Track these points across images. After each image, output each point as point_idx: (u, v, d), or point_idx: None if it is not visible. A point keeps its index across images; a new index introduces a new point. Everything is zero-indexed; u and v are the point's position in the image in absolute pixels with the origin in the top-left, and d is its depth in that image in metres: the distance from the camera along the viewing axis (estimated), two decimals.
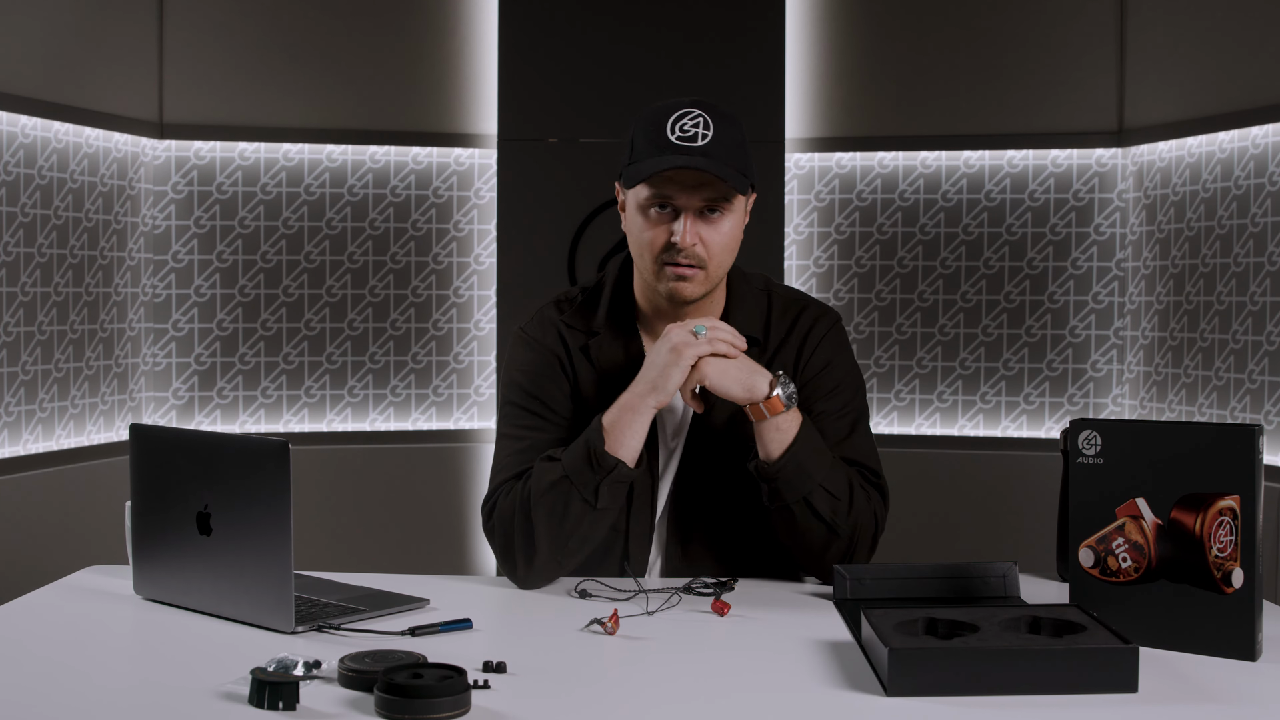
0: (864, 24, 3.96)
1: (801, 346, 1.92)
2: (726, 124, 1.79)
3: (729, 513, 1.91)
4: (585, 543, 1.82)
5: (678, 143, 1.76)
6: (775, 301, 1.96)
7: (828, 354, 1.92)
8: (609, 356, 1.91)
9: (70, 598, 1.77)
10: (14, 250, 3.26)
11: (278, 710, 1.27)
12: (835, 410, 1.90)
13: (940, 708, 1.30)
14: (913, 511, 3.66)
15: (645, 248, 1.82)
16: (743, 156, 1.80)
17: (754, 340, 1.90)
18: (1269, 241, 3.27)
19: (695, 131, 1.77)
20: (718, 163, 1.76)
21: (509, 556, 1.82)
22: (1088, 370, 3.89)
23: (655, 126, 1.78)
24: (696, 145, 1.76)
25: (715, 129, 1.77)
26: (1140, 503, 1.52)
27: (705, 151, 1.76)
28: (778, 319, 1.94)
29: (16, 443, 3.30)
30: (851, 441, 1.90)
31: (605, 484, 1.77)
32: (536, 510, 1.78)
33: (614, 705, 1.34)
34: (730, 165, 1.77)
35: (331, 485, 3.86)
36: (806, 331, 1.92)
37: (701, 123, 1.77)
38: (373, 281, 3.95)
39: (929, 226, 3.95)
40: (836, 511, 1.81)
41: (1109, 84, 3.83)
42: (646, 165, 1.77)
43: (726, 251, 1.83)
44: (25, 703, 1.31)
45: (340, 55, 3.88)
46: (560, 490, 1.78)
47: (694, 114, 1.78)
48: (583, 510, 1.78)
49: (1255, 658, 1.46)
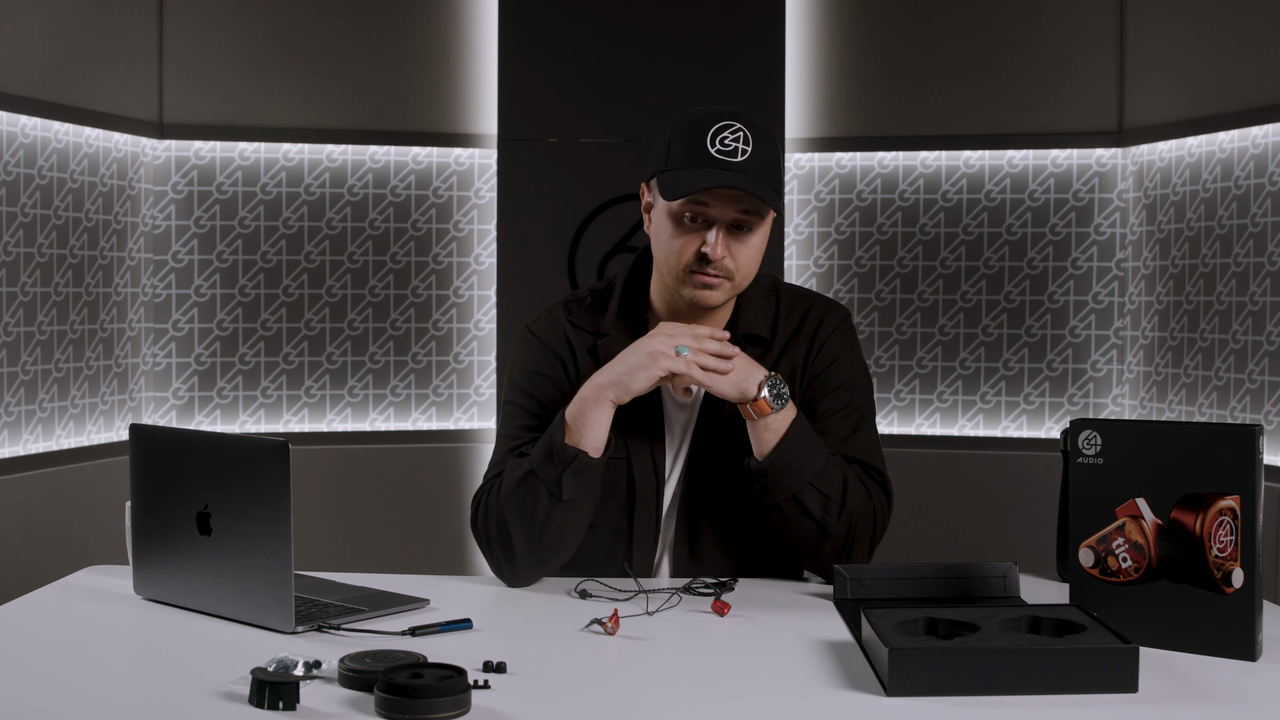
0: (864, 24, 3.96)
1: (810, 343, 1.93)
2: (765, 140, 1.80)
3: (736, 512, 1.91)
4: (563, 537, 1.82)
5: (718, 156, 1.77)
6: (783, 300, 1.97)
7: (834, 350, 1.93)
8: None
9: (70, 598, 1.77)
10: (14, 250, 3.26)
11: (278, 710, 1.27)
12: (838, 409, 1.91)
13: (940, 708, 1.30)
14: (913, 511, 3.66)
15: (675, 255, 1.83)
16: (778, 174, 1.82)
17: (761, 340, 1.92)
18: (1269, 241, 3.27)
19: (736, 146, 1.77)
20: (757, 181, 1.77)
21: (491, 552, 1.84)
22: (1088, 370, 3.89)
23: (696, 136, 1.78)
24: (736, 161, 1.76)
25: (755, 144, 1.78)
26: (1140, 503, 1.52)
27: (744, 168, 1.76)
28: (785, 317, 1.95)
29: (16, 443, 3.30)
30: (855, 440, 1.90)
31: (568, 475, 1.78)
32: (508, 505, 1.81)
33: (614, 705, 1.34)
34: (767, 183, 1.78)
35: (331, 485, 3.86)
36: (815, 328, 1.94)
37: (742, 137, 1.78)
38: (373, 281, 3.95)
39: (929, 226, 3.95)
40: (828, 510, 1.81)
41: (1109, 84, 3.83)
42: (689, 178, 1.77)
43: (753, 264, 1.85)
44: (25, 703, 1.31)
45: (340, 55, 3.88)
46: (528, 484, 1.80)
47: (735, 128, 1.78)
48: (550, 503, 1.79)
49: (1255, 658, 1.46)
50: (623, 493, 1.91)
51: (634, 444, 1.90)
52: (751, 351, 1.90)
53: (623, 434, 1.88)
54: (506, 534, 1.81)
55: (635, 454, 1.90)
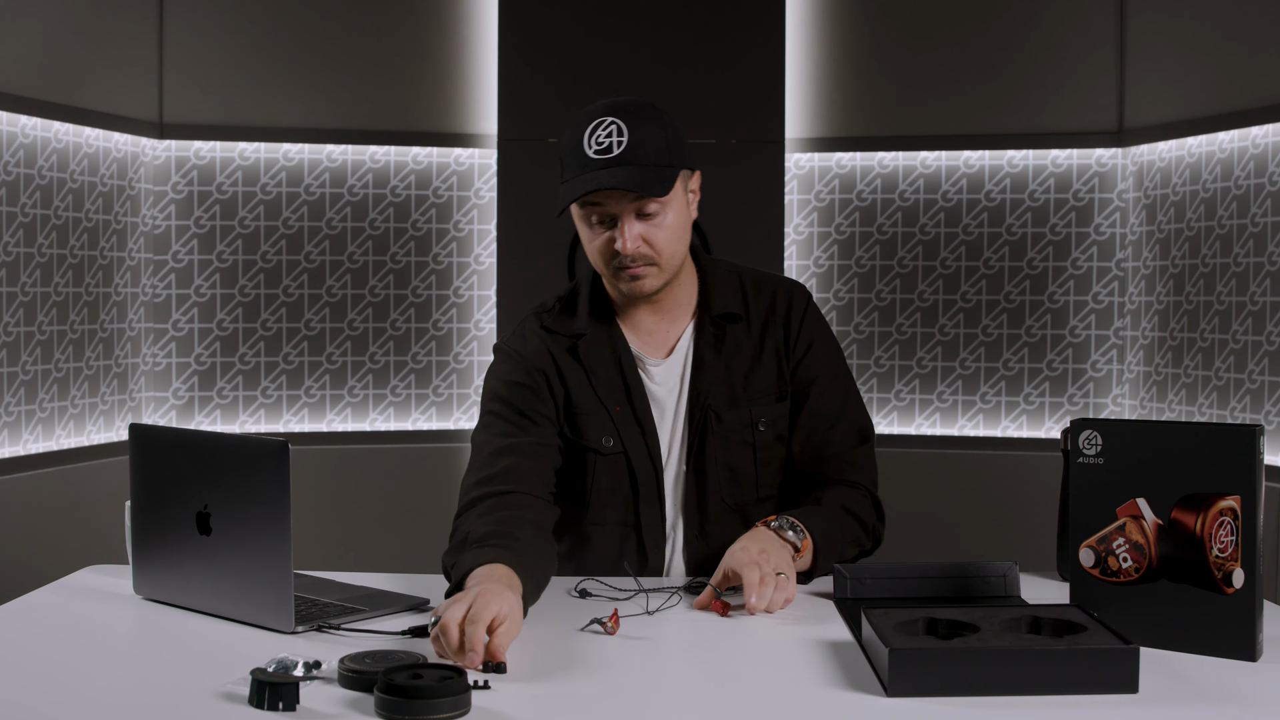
0: (864, 24, 3.96)
1: (785, 329, 1.97)
2: (642, 122, 1.81)
3: (739, 493, 1.95)
4: None
5: (595, 156, 1.79)
6: (746, 281, 2.01)
7: (809, 334, 1.99)
8: (596, 354, 1.95)
9: (70, 598, 1.77)
10: (14, 250, 3.26)
11: (278, 710, 1.27)
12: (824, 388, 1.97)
13: (940, 708, 1.30)
14: (913, 511, 3.66)
15: (596, 256, 1.88)
16: (663, 150, 1.82)
17: (734, 317, 1.96)
18: (1269, 241, 3.27)
19: (610, 141, 1.80)
20: (635, 169, 1.78)
21: None
22: (1088, 370, 3.89)
23: (575, 143, 1.83)
24: (613, 155, 1.79)
25: (630, 132, 1.79)
26: (1141, 503, 1.52)
27: (622, 159, 1.78)
28: (754, 297, 1.99)
29: (16, 443, 3.30)
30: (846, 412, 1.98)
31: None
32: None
33: (614, 705, 1.34)
34: (649, 165, 1.79)
35: (331, 485, 3.86)
36: (786, 313, 1.98)
37: (615, 129, 1.80)
38: (373, 281, 3.95)
39: (929, 226, 3.95)
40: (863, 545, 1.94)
41: (1109, 84, 3.82)
42: (567, 189, 1.82)
43: (674, 242, 1.86)
44: (25, 703, 1.31)
45: (340, 55, 3.87)
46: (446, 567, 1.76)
47: (607, 122, 1.81)
48: None
49: (1255, 658, 1.46)
50: (626, 487, 1.93)
51: (627, 434, 1.92)
52: (730, 330, 1.95)
53: (615, 428, 1.91)
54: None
55: (630, 445, 1.92)
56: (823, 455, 1.96)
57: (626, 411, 1.93)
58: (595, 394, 1.93)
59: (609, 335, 1.95)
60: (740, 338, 1.96)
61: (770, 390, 1.95)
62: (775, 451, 1.96)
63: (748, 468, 1.94)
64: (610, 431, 1.92)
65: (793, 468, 1.98)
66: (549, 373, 1.94)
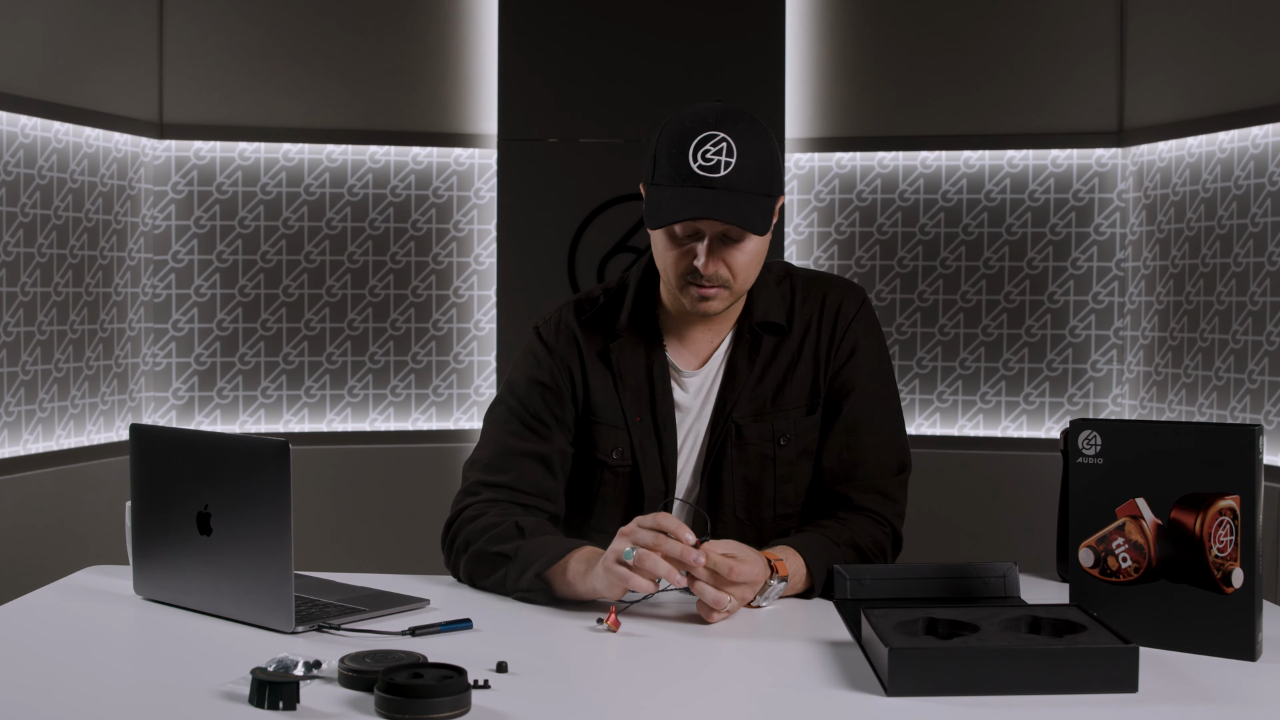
0: (864, 24, 3.96)
1: (833, 330, 1.89)
2: (752, 142, 1.74)
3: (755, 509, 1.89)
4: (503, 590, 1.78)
5: (700, 173, 1.72)
6: (797, 285, 1.93)
7: (854, 340, 1.90)
8: (630, 361, 1.90)
9: (70, 598, 1.77)
10: (14, 250, 3.26)
11: (278, 710, 1.27)
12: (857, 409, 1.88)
13: (940, 708, 1.30)
14: (913, 511, 3.64)
15: (669, 268, 1.81)
16: (767, 177, 1.76)
17: (778, 328, 1.89)
18: (1269, 241, 3.27)
19: (718, 160, 1.72)
20: (740, 198, 1.72)
21: (447, 560, 1.87)
22: (1088, 370, 3.89)
23: (678, 150, 1.73)
24: (719, 176, 1.71)
25: (740, 153, 1.72)
26: (1140, 503, 1.52)
27: (728, 183, 1.71)
28: (801, 303, 1.91)
29: (16, 443, 3.30)
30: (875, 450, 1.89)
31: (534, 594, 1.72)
32: (473, 561, 1.79)
33: (615, 705, 1.34)
34: (753, 194, 1.73)
35: (331, 485, 3.86)
36: (836, 313, 1.90)
37: (725, 148, 1.72)
38: (373, 281, 3.95)
39: (929, 226, 3.95)
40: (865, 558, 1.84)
41: (1109, 84, 3.83)
42: (669, 206, 1.73)
43: (750, 269, 1.81)
44: (25, 703, 1.31)
45: (340, 55, 3.88)
46: (497, 562, 1.75)
47: (717, 139, 1.73)
48: (498, 586, 1.76)
49: (1255, 658, 1.46)
50: (632, 501, 1.89)
51: (642, 448, 1.88)
52: (769, 341, 1.88)
53: (630, 440, 1.88)
54: (461, 570, 1.83)
55: (643, 459, 1.88)
56: (853, 476, 1.88)
57: (646, 423, 1.88)
58: (618, 401, 1.88)
59: (646, 340, 1.89)
60: (779, 348, 1.89)
61: (800, 401, 1.88)
62: (798, 468, 1.89)
63: (766, 483, 1.87)
64: (624, 444, 1.87)
65: (820, 484, 1.90)
66: (574, 372, 1.90)
